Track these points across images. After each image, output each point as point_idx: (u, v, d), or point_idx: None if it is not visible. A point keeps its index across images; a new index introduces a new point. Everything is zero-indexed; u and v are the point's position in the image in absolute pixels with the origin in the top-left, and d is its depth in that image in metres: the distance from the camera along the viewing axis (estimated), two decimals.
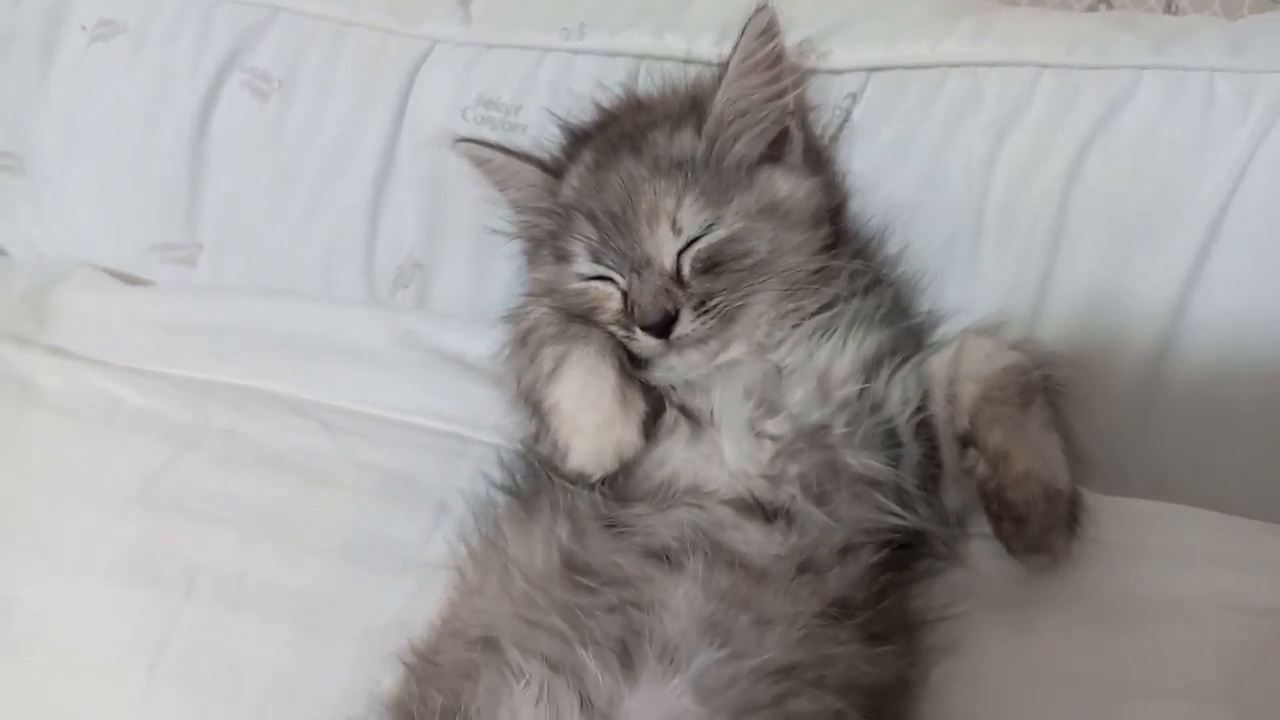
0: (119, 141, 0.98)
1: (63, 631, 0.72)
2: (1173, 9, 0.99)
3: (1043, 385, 0.67)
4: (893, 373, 0.70)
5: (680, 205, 0.69)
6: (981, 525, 0.70)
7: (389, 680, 0.64)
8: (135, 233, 1.01)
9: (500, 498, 0.74)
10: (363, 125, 0.91)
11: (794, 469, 0.67)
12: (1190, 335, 0.71)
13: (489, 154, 0.78)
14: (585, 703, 0.58)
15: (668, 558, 0.63)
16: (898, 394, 0.70)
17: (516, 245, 0.84)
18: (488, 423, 0.82)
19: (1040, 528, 0.64)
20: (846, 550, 0.65)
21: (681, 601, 0.61)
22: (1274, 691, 0.60)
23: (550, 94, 0.85)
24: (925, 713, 0.63)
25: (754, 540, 0.64)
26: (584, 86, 0.84)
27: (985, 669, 0.65)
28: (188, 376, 0.88)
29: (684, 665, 0.58)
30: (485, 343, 0.83)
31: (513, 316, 0.78)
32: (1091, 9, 1.01)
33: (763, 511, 0.66)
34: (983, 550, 0.70)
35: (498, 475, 0.75)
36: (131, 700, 0.69)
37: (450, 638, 0.66)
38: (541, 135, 0.83)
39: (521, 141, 0.84)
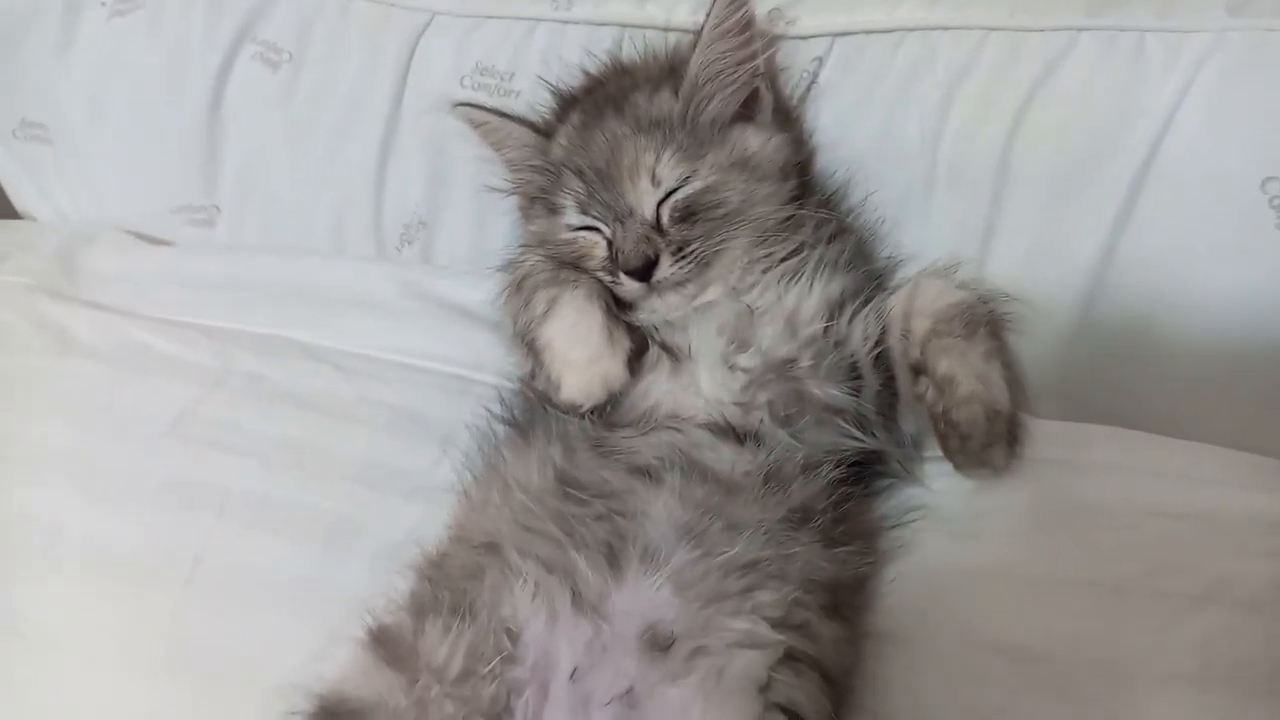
0: (140, 111, 1.04)
1: (105, 551, 0.80)
2: None
3: (987, 319, 0.74)
4: (854, 313, 0.77)
5: (659, 160, 0.75)
6: (934, 449, 0.78)
7: (403, 586, 0.72)
8: (157, 197, 1.08)
9: (500, 429, 0.81)
10: (368, 93, 0.97)
11: (763, 397, 0.74)
12: (1119, 274, 0.77)
13: (485, 117, 0.84)
14: (577, 596, 0.66)
15: (649, 474, 0.71)
16: (859, 332, 0.76)
17: (512, 202, 0.90)
18: (488, 365, 0.90)
19: (982, 444, 0.71)
20: (809, 467, 0.72)
21: (661, 510, 0.69)
22: (1183, 584, 0.67)
23: (542, 61, 0.91)
24: (880, 607, 0.71)
25: (726, 459, 0.72)
26: (573, 54, 0.89)
27: (933, 569, 0.73)
28: (211, 326, 0.96)
29: (663, 563, 0.66)
30: (485, 293, 0.90)
31: (509, 266, 0.84)
32: None
33: (735, 434, 0.73)
34: (934, 471, 0.78)
35: (498, 410, 0.83)
36: (170, 609, 0.77)
37: (457, 544, 0.74)
38: (534, 100, 0.89)
39: (515, 106, 0.90)
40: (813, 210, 0.80)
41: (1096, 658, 0.66)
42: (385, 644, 0.65)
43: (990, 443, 0.71)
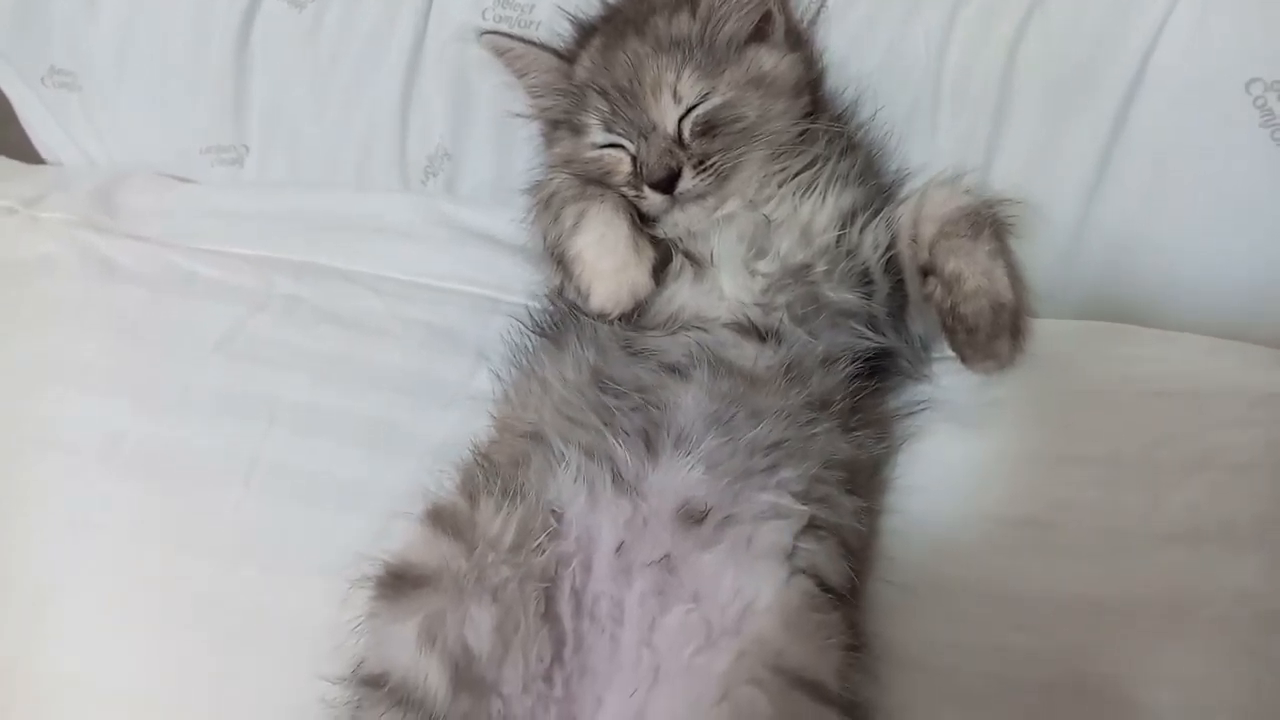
0: (168, 54, 1.07)
1: (166, 454, 0.85)
2: None
3: (990, 221, 0.79)
4: (865, 224, 0.81)
5: (680, 77, 0.80)
6: (941, 350, 0.83)
7: (452, 477, 0.77)
8: (186, 138, 1.11)
9: (533, 339, 0.86)
10: (391, 28, 1.00)
11: (782, 299, 0.79)
12: (1115, 179, 0.82)
13: (510, 44, 0.88)
14: (617, 478, 0.71)
15: (678, 370, 0.76)
16: (870, 240, 0.81)
17: (533, 131, 0.94)
18: (515, 287, 0.95)
19: (988, 336, 0.76)
20: (826, 362, 0.77)
21: (690, 401, 0.74)
22: (1176, 453, 0.73)
23: None
24: (893, 485, 0.77)
25: (749, 355, 0.77)
26: None
27: (942, 454, 0.78)
28: (250, 254, 1.00)
29: (695, 447, 0.72)
30: (508, 221, 0.95)
31: (535, 187, 0.89)
32: None
33: (756, 333, 0.78)
34: (942, 369, 0.84)
35: (529, 322, 0.87)
36: (233, 502, 0.83)
37: (503, 434, 0.79)
38: (553, 30, 0.93)
39: (537, 36, 0.94)
40: (824, 126, 0.84)
41: (1097, 524, 0.71)
42: (443, 519, 0.71)
43: (996, 334, 0.76)
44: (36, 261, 0.99)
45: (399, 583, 0.68)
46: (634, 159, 0.82)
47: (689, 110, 0.80)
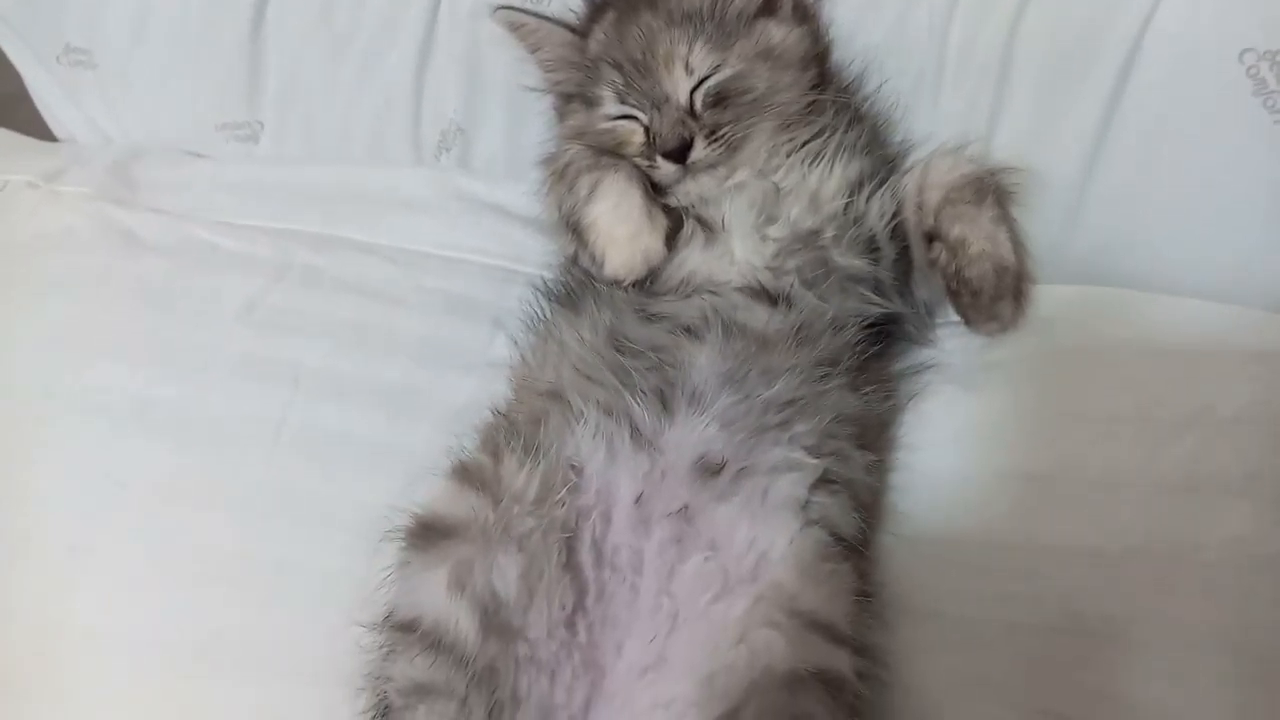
0: (184, 31, 1.08)
1: (194, 418, 0.88)
2: None
3: (994, 188, 0.82)
4: (872, 193, 0.84)
5: (692, 50, 0.82)
6: (945, 315, 0.86)
7: (474, 438, 0.80)
8: (202, 115, 1.12)
9: (548, 305, 0.88)
10: (405, 5, 1.01)
11: (792, 263, 0.81)
12: (1115, 147, 0.84)
13: (524, 19, 0.90)
14: (635, 433, 0.74)
15: (692, 331, 0.78)
16: (876, 208, 0.84)
17: (545, 106, 0.97)
18: (528, 258, 0.98)
19: (991, 298, 0.79)
20: (834, 324, 0.80)
21: (704, 361, 0.76)
22: (1171, 410, 0.76)
23: None
24: (900, 443, 0.80)
25: (760, 317, 0.79)
26: None
27: (946, 413, 0.81)
28: (269, 227, 1.02)
29: (710, 405, 0.74)
30: (520, 194, 0.98)
31: (550, 158, 0.91)
32: None
33: (767, 296, 0.80)
34: (945, 334, 0.87)
35: (544, 290, 0.90)
36: (258, 467, 0.85)
37: (522, 394, 0.82)
38: (565, 5, 0.95)
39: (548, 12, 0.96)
40: (831, 97, 0.86)
41: (1095, 477, 0.74)
42: (469, 474, 0.74)
43: (999, 296, 0.79)
44: (60, 233, 1.02)
45: (429, 533, 0.71)
46: (647, 130, 0.84)
47: (701, 82, 0.82)
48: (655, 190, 0.86)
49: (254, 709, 0.78)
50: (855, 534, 0.73)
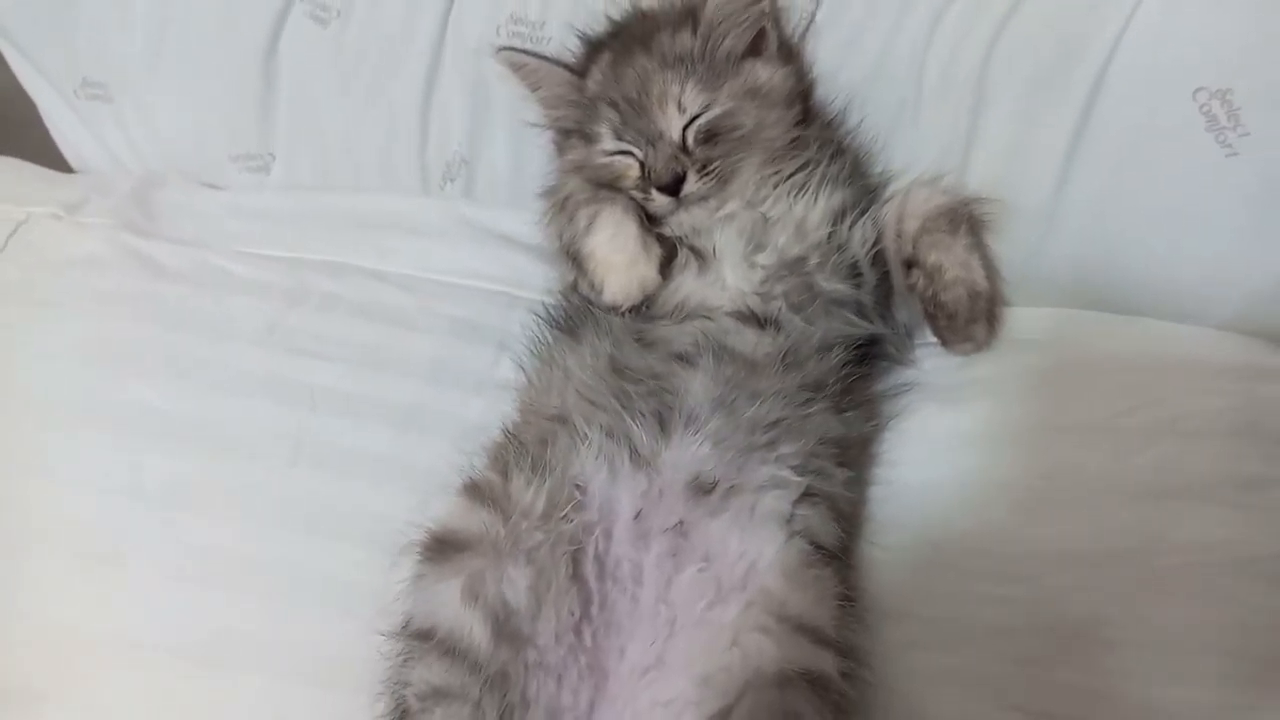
0: (197, 65, 1.13)
1: (217, 434, 0.93)
2: None
3: (968, 218, 0.87)
4: (854, 221, 0.89)
5: (684, 90, 0.87)
6: (924, 337, 0.92)
7: (483, 457, 0.85)
8: (215, 145, 1.17)
9: (550, 332, 0.93)
10: (410, 43, 1.06)
11: (779, 288, 0.87)
12: (1080, 177, 0.89)
13: (525, 59, 0.95)
14: (635, 455, 0.79)
15: (686, 358, 0.83)
16: (858, 236, 0.89)
17: (547, 138, 1.02)
18: (531, 284, 1.03)
19: (966, 320, 0.85)
20: (820, 348, 0.85)
21: (698, 386, 0.81)
22: (1142, 420, 0.81)
23: (571, 10, 1.01)
24: (881, 459, 0.86)
25: (749, 341, 0.84)
26: (598, 3, 0.99)
27: (925, 428, 0.87)
28: (283, 256, 1.08)
29: (703, 426, 0.80)
30: (523, 222, 1.03)
31: (550, 190, 0.96)
32: None
33: (756, 320, 0.85)
34: (925, 354, 0.92)
35: (546, 317, 0.95)
36: (278, 478, 0.91)
37: (529, 416, 0.87)
38: (563, 45, 1.00)
39: (548, 51, 1.01)
40: (816, 132, 0.92)
41: (1070, 485, 0.80)
42: (480, 491, 0.79)
43: (973, 319, 0.85)
44: (84, 259, 1.07)
45: (443, 547, 0.76)
46: (643, 165, 0.89)
47: (692, 120, 0.87)
48: (650, 221, 0.91)
49: (271, 715, 0.82)
50: (835, 544, 0.78)
